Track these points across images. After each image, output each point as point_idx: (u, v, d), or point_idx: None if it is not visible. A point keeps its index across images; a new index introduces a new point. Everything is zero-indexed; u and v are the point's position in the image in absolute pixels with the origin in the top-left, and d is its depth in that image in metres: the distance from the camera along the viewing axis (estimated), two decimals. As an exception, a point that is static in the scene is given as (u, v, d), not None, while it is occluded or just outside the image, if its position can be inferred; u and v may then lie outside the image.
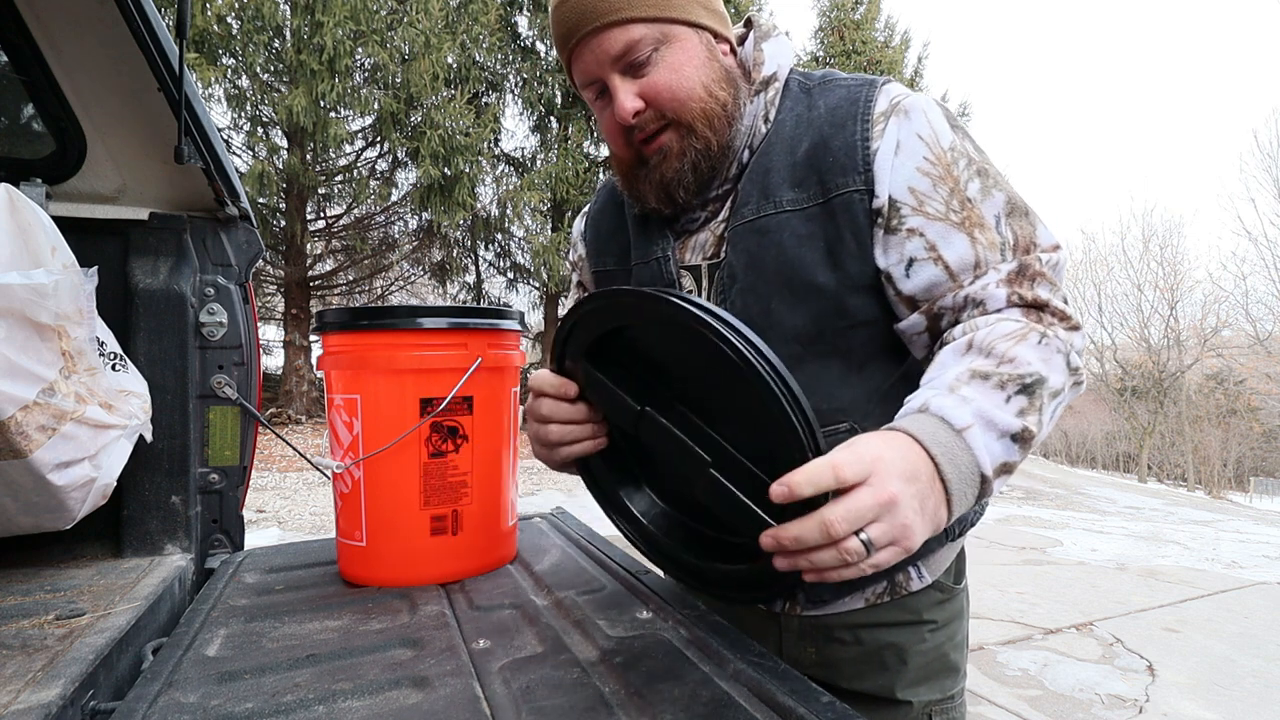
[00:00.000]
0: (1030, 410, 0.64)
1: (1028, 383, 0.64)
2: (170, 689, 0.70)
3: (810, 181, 0.78)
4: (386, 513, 1.05)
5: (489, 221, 11.32)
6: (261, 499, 6.34)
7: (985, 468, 0.61)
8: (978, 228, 0.73)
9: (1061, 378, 0.67)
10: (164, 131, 1.22)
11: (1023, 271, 0.72)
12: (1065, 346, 0.68)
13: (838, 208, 0.76)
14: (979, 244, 0.73)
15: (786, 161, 0.79)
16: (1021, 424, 0.63)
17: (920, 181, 0.74)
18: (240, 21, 8.89)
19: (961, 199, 0.73)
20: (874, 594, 0.89)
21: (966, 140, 0.77)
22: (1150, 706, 2.88)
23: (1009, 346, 0.66)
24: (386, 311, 1.06)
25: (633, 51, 0.76)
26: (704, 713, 0.64)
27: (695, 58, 0.78)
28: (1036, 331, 0.67)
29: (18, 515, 0.99)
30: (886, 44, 15.24)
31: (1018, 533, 6.82)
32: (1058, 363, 0.67)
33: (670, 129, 0.80)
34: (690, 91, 0.77)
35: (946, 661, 0.91)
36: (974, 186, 0.74)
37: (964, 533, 0.91)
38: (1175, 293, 23.97)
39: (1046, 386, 0.65)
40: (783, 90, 0.83)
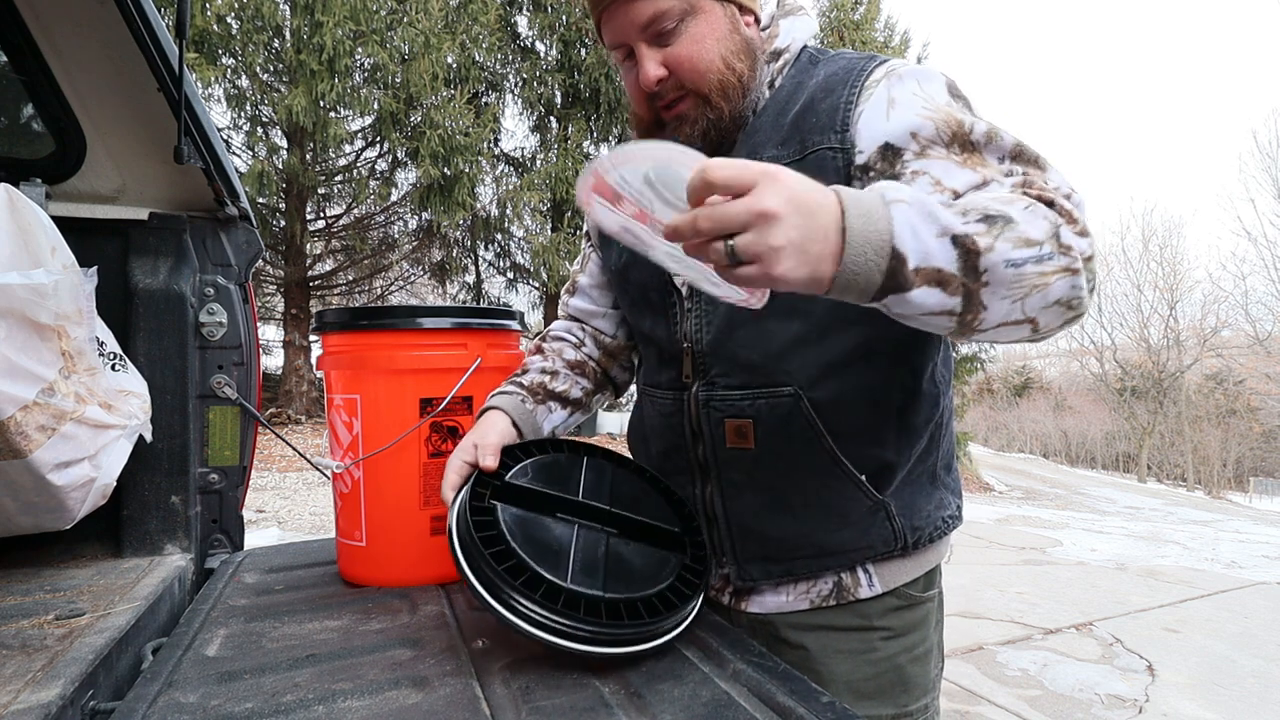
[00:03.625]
0: (985, 234, 0.58)
1: (991, 214, 0.59)
2: (170, 689, 0.70)
3: (792, 140, 0.80)
4: (386, 513, 1.05)
5: (489, 221, 11.31)
6: (261, 499, 6.34)
7: (900, 242, 0.56)
8: (982, 167, 0.70)
9: (1040, 233, 0.60)
10: (164, 131, 1.22)
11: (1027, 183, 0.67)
12: (1057, 219, 0.61)
13: (811, 164, 0.77)
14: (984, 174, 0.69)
15: (776, 123, 0.82)
16: (967, 230, 0.57)
17: (924, 126, 0.72)
18: (240, 21, 8.89)
19: (964, 142, 0.71)
20: (819, 596, 0.88)
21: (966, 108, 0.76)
22: (1150, 706, 2.88)
23: (986, 200, 0.62)
24: (386, 311, 1.06)
25: (660, 21, 0.79)
26: (704, 713, 0.64)
27: (718, 30, 0.81)
28: (1026, 200, 0.62)
29: (18, 515, 0.99)
30: (886, 44, 15.23)
31: (1017, 533, 6.82)
32: (1041, 223, 0.60)
33: (689, 97, 0.83)
34: (710, 64, 0.80)
35: (901, 675, 0.87)
36: (979, 129, 0.71)
37: (923, 544, 0.87)
38: (1175, 293, 23.99)
39: (1015, 227, 0.59)
40: (793, 61, 0.86)
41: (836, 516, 0.85)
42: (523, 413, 0.95)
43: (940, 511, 0.90)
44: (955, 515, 0.92)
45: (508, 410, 0.94)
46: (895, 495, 0.86)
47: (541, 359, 1.05)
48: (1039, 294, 0.60)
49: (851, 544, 0.86)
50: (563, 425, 1.05)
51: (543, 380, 1.01)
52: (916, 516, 0.87)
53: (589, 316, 1.10)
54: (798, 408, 0.83)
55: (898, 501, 0.86)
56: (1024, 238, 0.59)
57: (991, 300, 0.60)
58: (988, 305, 0.60)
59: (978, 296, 0.59)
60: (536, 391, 0.99)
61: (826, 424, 0.82)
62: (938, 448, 0.90)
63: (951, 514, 0.92)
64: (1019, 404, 34.91)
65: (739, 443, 0.87)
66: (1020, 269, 0.59)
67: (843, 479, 0.83)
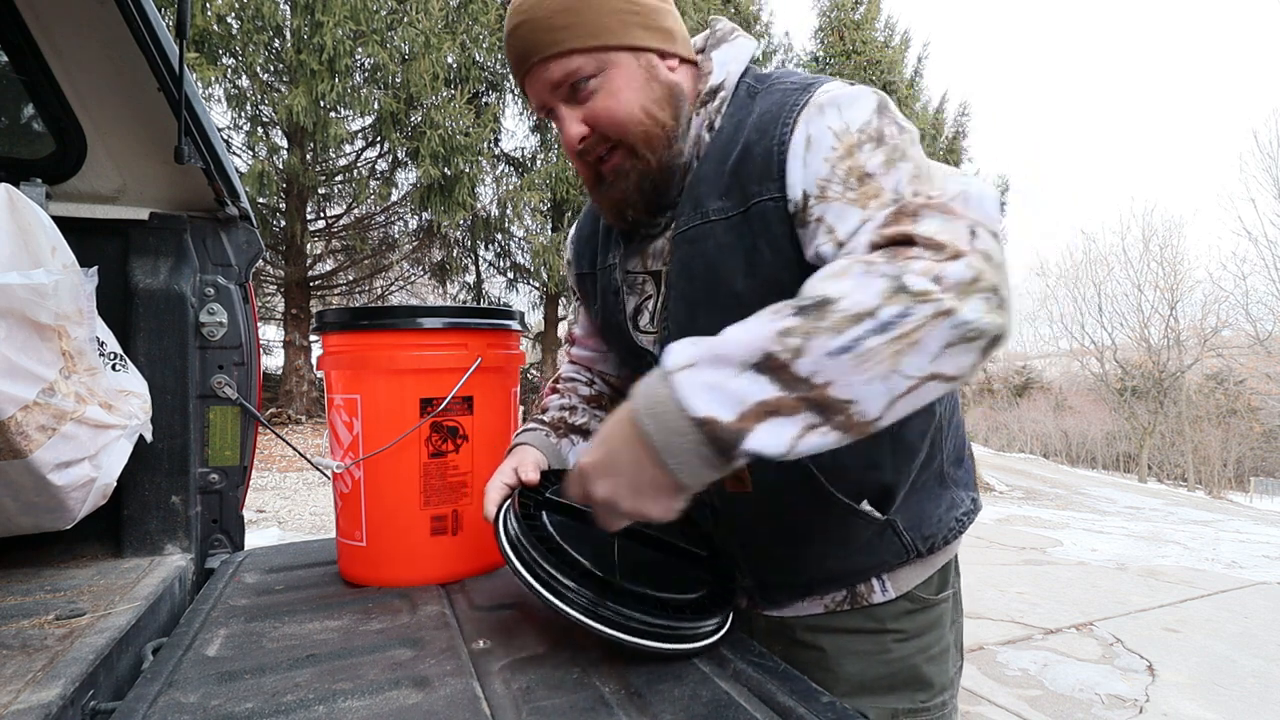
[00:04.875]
0: (795, 333, 0.56)
1: (805, 305, 0.57)
2: (170, 689, 0.70)
3: (734, 190, 0.78)
4: (387, 513, 1.05)
5: (489, 221, 11.30)
6: (261, 499, 6.33)
7: (696, 408, 0.56)
8: (874, 199, 0.67)
9: (871, 299, 0.56)
10: (164, 131, 1.22)
11: (899, 211, 0.63)
12: (899, 270, 0.57)
13: (754, 216, 0.76)
14: (869, 209, 0.67)
15: (717, 170, 0.80)
16: (764, 349, 0.55)
17: (824, 169, 0.71)
18: (240, 21, 8.88)
19: (860, 175, 0.69)
20: (833, 601, 0.89)
21: (890, 125, 0.72)
22: (1150, 706, 2.88)
23: (819, 281, 0.60)
24: (386, 311, 1.06)
25: (573, 79, 0.79)
26: (704, 713, 0.64)
27: (634, 81, 0.79)
28: (861, 263, 0.59)
29: (18, 515, 0.99)
30: (886, 44, 15.22)
31: (1018, 533, 6.82)
32: (875, 285, 0.56)
33: (618, 150, 0.82)
34: (630, 115, 0.79)
35: (917, 673, 0.88)
36: (876, 160, 0.69)
37: (935, 550, 0.87)
38: (1175, 293, 23.98)
39: (834, 307, 0.56)
40: (731, 96, 0.83)
41: (844, 543, 0.85)
42: (548, 446, 0.97)
43: (952, 512, 0.89)
44: (970, 510, 0.92)
45: (535, 444, 0.97)
46: (901, 511, 0.84)
47: (559, 397, 1.07)
48: (912, 354, 0.56)
49: (864, 564, 0.87)
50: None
51: (563, 415, 1.03)
52: (926, 525, 0.86)
53: (591, 362, 1.12)
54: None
55: (904, 516, 0.85)
56: (849, 315, 0.56)
57: (852, 391, 0.56)
58: (854, 398, 0.56)
59: (830, 397, 0.56)
60: (558, 426, 1.02)
61: (817, 462, 0.78)
62: (941, 450, 0.88)
63: (966, 510, 0.91)
64: (1019, 404, 34.89)
65: (738, 487, 0.87)
66: (857, 348, 0.55)
67: (842, 510, 0.82)
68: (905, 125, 0.73)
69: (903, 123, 0.73)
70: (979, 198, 0.62)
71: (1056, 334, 32.81)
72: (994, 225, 0.62)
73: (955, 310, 0.55)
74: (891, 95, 14.20)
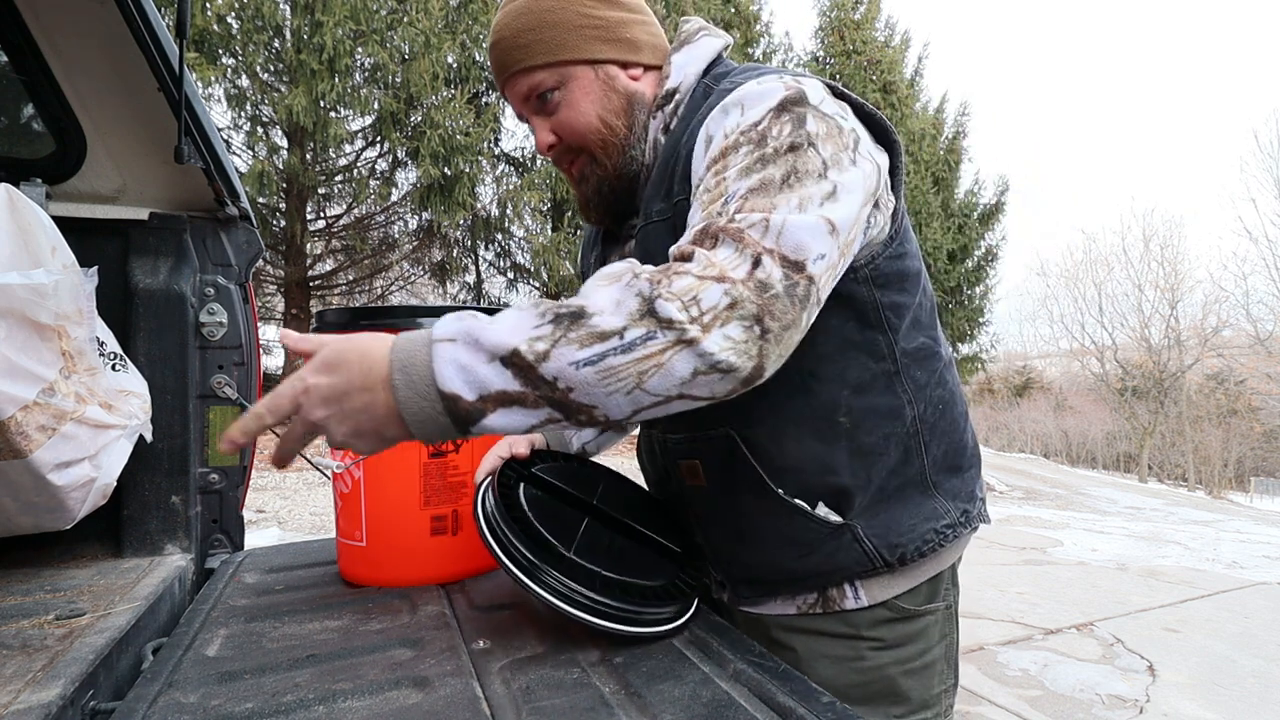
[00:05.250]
0: (545, 339, 0.58)
1: (561, 313, 0.59)
2: (170, 689, 0.70)
3: (671, 191, 0.80)
4: (386, 513, 1.05)
5: (489, 221, 11.30)
6: (261, 499, 6.33)
7: (445, 383, 0.59)
8: (717, 201, 0.67)
9: (620, 320, 0.58)
10: (164, 131, 1.22)
11: (704, 230, 0.64)
12: (654, 291, 0.58)
13: (678, 217, 0.78)
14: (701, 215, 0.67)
15: (663, 174, 0.82)
16: (513, 345, 0.58)
17: (701, 169, 0.72)
18: (240, 21, 8.88)
19: (719, 177, 0.68)
20: (805, 604, 0.87)
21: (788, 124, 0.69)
22: (1150, 707, 2.88)
23: (591, 284, 0.63)
24: (387, 311, 1.06)
25: (537, 91, 0.85)
26: (704, 713, 0.64)
27: (591, 93, 0.84)
28: (630, 273, 0.62)
29: (18, 515, 0.99)
30: (886, 44, 15.21)
31: (1018, 533, 6.82)
32: (628, 305, 0.59)
33: (581, 156, 0.88)
34: (587, 125, 0.84)
35: (892, 686, 0.84)
36: (738, 165, 0.68)
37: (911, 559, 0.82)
38: (1176, 293, 23.97)
39: (586, 322, 0.58)
40: (687, 99, 0.84)
41: (797, 545, 0.83)
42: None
43: (930, 524, 0.83)
44: (957, 524, 0.85)
45: None
46: (863, 516, 0.81)
47: None
48: (657, 376, 0.58)
49: (822, 568, 0.83)
50: (593, 442, 1.09)
51: None
52: (894, 534, 0.82)
53: None
54: (735, 447, 0.83)
55: (867, 522, 0.81)
56: (595, 332, 0.58)
57: (594, 399, 0.59)
58: (596, 405, 0.59)
59: (571, 400, 0.59)
60: None
61: (763, 461, 0.81)
62: (923, 457, 0.83)
63: (951, 523, 0.84)
64: (1019, 404, 34.89)
65: (695, 481, 0.89)
66: (600, 364, 0.58)
67: (792, 511, 0.81)
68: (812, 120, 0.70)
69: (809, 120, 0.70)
70: (787, 228, 0.62)
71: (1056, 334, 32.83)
72: (796, 256, 0.62)
73: (697, 341, 0.58)
74: (891, 95, 14.30)
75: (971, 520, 0.88)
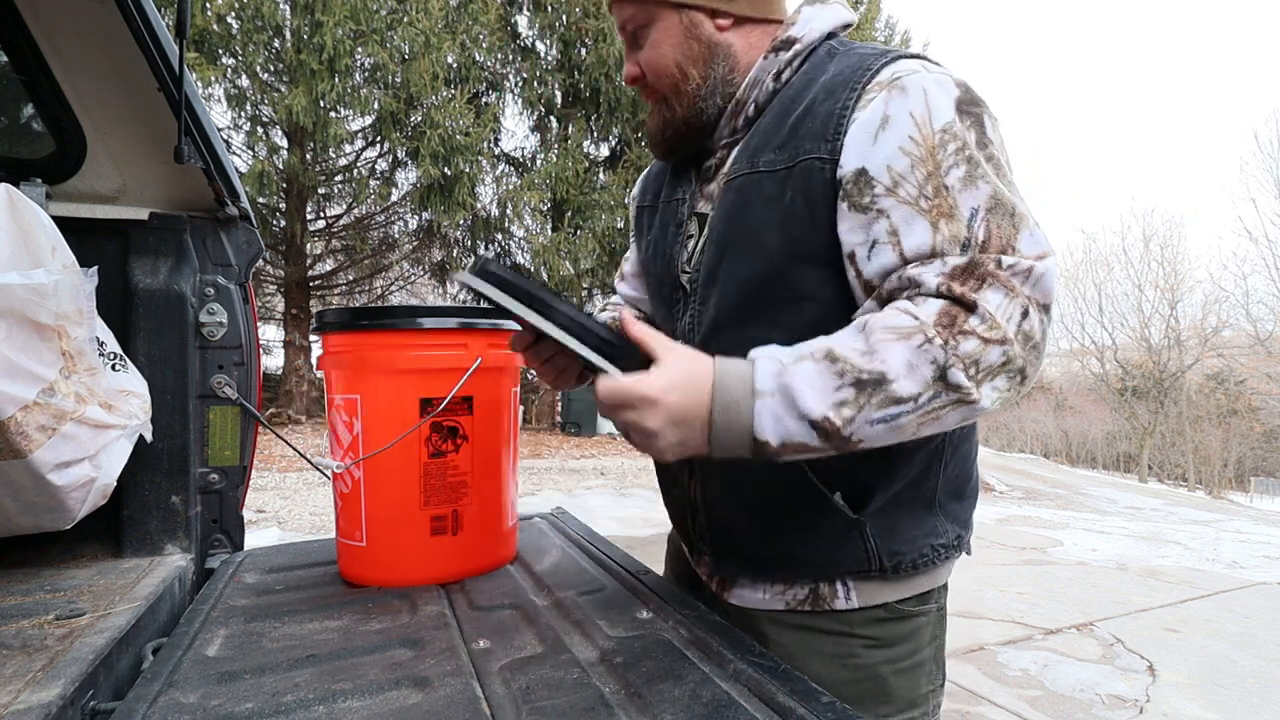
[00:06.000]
0: (850, 405, 0.64)
1: (863, 379, 0.64)
2: (170, 689, 0.70)
3: (788, 145, 0.78)
4: (386, 513, 1.05)
5: (489, 221, 11.31)
6: (261, 499, 6.33)
7: (762, 433, 0.67)
8: (945, 218, 0.68)
9: (915, 387, 0.64)
10: (164, 131, 1.22)
11: (970, 269, 0.66)
12: (948, 359, 0.63)
13: (798, 172, 0.77)
14: (940, 234, 0.68)
15: (778, 125, 0.81)
16: (824, 414, 0.65)
17: (900, 161, 0.70)
18: (240, 21, 8.88)
19: (937, 185, 0.69)
20: (795, 600, 0.87)
21: (972, 128, 0.71)
22: (1150, 707, 2.88)
23: (881, 338, 0.65)
24: (386, 311, 1.06)
25: (628, 26, 0.88)
26: (704, 713, 0.64)
27: (672, 37, 0.85)
28: (922, 334, 0.64)
29: (18, 515, 0.99)
30: (886, 44, 15.23)
31: (1018, 533, 6.82)
32: (922, 372, 0.64)
33: (655, 94, 0.91)
34: (664, 68, 0.86)
35: (881, 685, 0.84)
36: (956, 174, 0.69)
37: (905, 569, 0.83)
38: (1176, 293, 23.98)
39: (886, 389, 0.64)
40: (808, 54, 0.84)
41: (806, 528, 0.84)
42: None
43: (930, 539, 0.85)
44: (952, 545, 0.87)
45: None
46: (875, 517, 0.82)
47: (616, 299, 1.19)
48: (931, 425, 0.66)
49: (822, 557, 0.84)
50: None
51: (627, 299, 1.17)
52: (898, 541, 0.83)
53: (635, 302, 1.16)
54: None
55: (876, 523, 0.82)
56: (894, 398, 0.64)
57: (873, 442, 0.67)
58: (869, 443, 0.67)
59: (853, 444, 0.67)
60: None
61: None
62: (939, 475, 0.85)
63: (946, 543, 0.86)
64: (1019, 404, 34.89)
65: None
66: (892, 422, 0.65)
67: (812, 493, 0.82)
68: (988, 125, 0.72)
69: (986, 123, 0.72)
70: (1045, 278, 0.66)
71: (1056, 334, 32.77)
72: (1047, 300, 0.67)
73: (977, 401, 0.65)
74: (892, 95, 14.24)
75: (963, 545, 0.90)
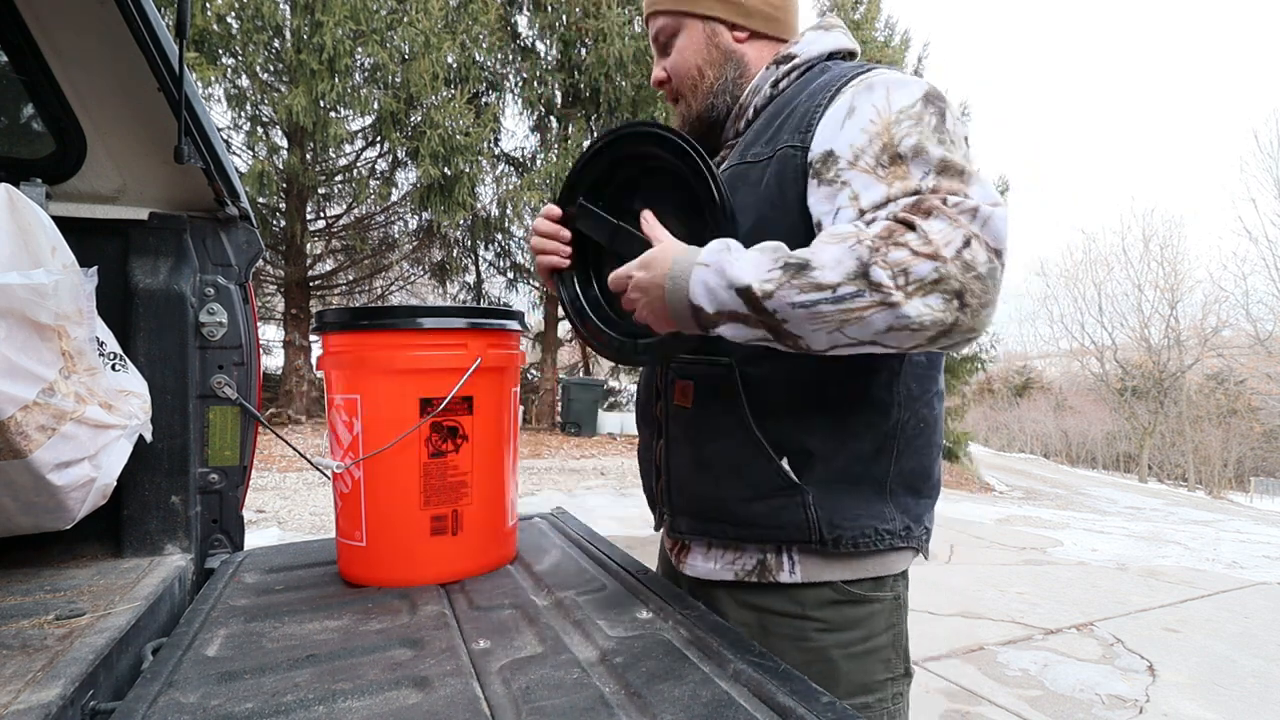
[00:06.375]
0: (773, 281, 0.71)
1: (791, 263, 0.71)
2: (170, 689, 0.70)
3: (773, 140, 0.89)
4: (386, 513, 1.05)
5: (489, 221, 11.30)
6: (261, 499, 6.33)
7: (695, 297, 0.76)
8: (900, 180, 0.74)
9: (836, 277, 0.68)
10: (164, 131, 1.22)
11: (918, 203, 0.71)
12: (872, 258, 0.67)
13: (776, 160, 0.87)
14: (893, 189, 0.74)
15: (768, 124, 0.93)
16: (748, 283, 0.72)
17: (859, 138, 0.78)
18: (240, 21, 8.87)
19: (892, 154, 0.76)
20: (743, 570, 0.93)
21: (934, 115, 0.77)
22: (1150, 707, 2.88)
23: (821, 240, 0.73)
24: (387, 311, 1.06)
25: (660, 36, 1.02)
26: (704, 713, 0.64)
27: (695, 44, 0.99)
28: (855, 238, 0.69)
29: (18, 515, 0.99)
30: (886, 44, 15.20)
31: (1018, 533, 6.82)
32: (846, 265, 0.68)
33: (678, 94, 1.03)
34: (686, 70, 1.00)
35: (832, 669, 0.87)
36: (909, 143, 0.75)
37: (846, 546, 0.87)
38: (1175, 293, 23.99)
39: (809, 274, 0.70)
40: (805, 69, 0.96)
41: (748, 487, 0.90)
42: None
43: (874, 522, 0.88)
44: (899, 534, 0.89)
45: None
46: (818, 487, 0.87)
47: None
48: (856, 326, 0.69)
49: (762, 520, 0.89)
50: None
51: None
52: (838, 516, 0.87)
53: None
54: (730, 378, 0.91)
55: (819, 494, 0.87)
56: (815, 282, 0.69)
57: (802, 331, 0.72)
58: (801, 334, 0.73)
59: (783, 328, 0.73)
60: None
61: (750, 398, 0.89)
62: (893, 460, 0.88)
63: (892, 530, 0.88)
64: (1019, 404, 34.89)
65: (682, 402, 0.97)
66: (812, 309, 0.70)
67: (757, 452, 0.88)
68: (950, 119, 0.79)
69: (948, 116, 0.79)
70: (993, 219, 0.69)
71: (1056, 334, 32.79)
72: (996, 244, 0.69)
73: (899, 305, 0.67)
74: (891, 95, 14.26)
75: (912, 538, 0.92)
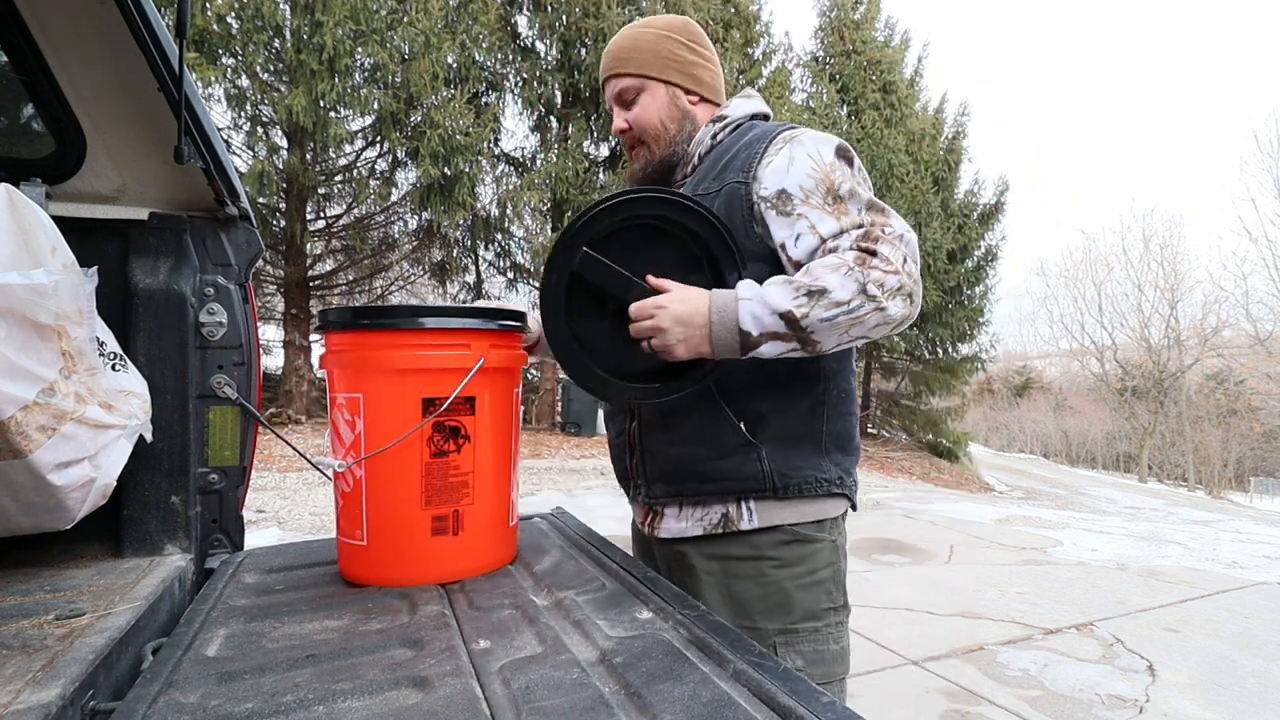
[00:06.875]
0: (804, 305, 0.94)
1: (813, 290, 0.94)
2: (170, 689, 0.70)
3: (720, 177, 1.13)
4: (388, 512, 1.05)
5: (489, 221, 11.29)
6: (261, 499, 6.33)
7: (745, 324, 0.96)
8: (843, 214, 1.02)
9: (847, 294, 0.93)
10: (164, 131, 1.22)
11: (868, 234, 0.98)
12: (865, 278, 0.93)
13: (725, 193, 1.11)
14: (842, 222, 1.01)
15: (713, 167, 1.16)
16: (788, 308, 0.94)
17: (807, 182, 1.04)
18: (240, 21, 8.86)
19: (835, 195, 1.03)
20: (710, 524, 1.13)
21: (846, 165, 1.06)
22: (1150, 707, 2.88)
23: (820, 271, 0.96)
24: (390, 311, 1.06)
25: (625, 94, 1.21)
26: (704, 713, 0.64)
27: (659, 103, 1.20)
28: (847, 266, 0.95)
29: (18, 515, 0.99)
30: (886, 44, 15.19)
31: (1018, 533, 6.82)
32: (850, 286, 0.93)
33: (640, 142, 1.23)
34: (650, 123, 1.21)
35: (786, 597, 1.09)
36: (845, 187, 1.04)
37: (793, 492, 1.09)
38: (1175, 293, 23.99)
39: (828, 296, 0.94)
40: (734, 126, 1.21)
41: (714, 447, 1.11)
42: None
43: (814, 472, 1.11)
44: (834, 482, 1.12)
45: None
46: (769, 444, 1.10)
47: None
48: (858, 327, 0.96)
49: (727, 474, 1.10)
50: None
51: None
52: (787, 467, 1.10)
53: None
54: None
55: (771, 449, 1.10)
56: (834, 301, 0.94)
57: (821, 338, 0.96)
58: (820, 340, 0.97)
59: (810, 339, 0.96)
60: None
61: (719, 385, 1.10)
62: (824, 421, 1.13)
63: (829, 479, 1.12)
64: (1019, 404, 34.89)
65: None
66: (834, 320, 0.94)
67: (721, 419, 1.10)
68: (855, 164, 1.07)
69: (855, 161, 1.07)
70: (911, 241, 0.99)
71: (1056, 334, 32.81)
72: (916, 258, 0.99)
73: (886, 308, 0.95)
74: (891, 95, 14.33)
75: (845, 486, 1.15)
